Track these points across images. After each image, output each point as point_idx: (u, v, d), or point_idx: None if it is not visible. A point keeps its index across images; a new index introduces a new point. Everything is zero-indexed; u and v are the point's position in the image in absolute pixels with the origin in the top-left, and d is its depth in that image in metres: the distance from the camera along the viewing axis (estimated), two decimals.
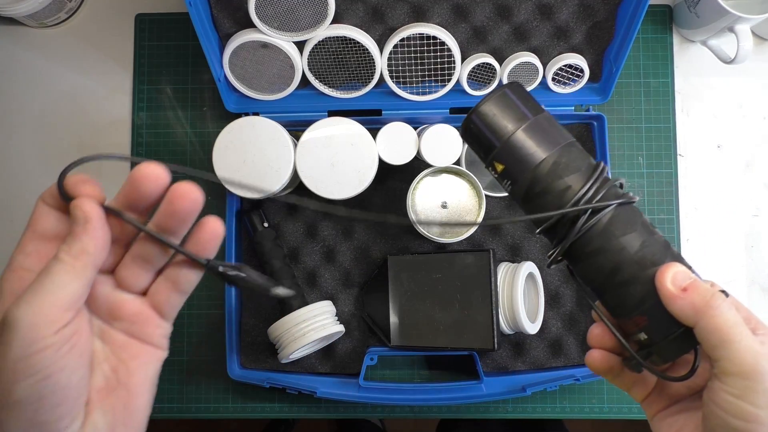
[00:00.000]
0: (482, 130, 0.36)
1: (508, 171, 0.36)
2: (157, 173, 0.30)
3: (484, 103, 0.36)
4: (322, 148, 0.58)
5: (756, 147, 0.68)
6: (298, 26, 0.57)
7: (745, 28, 0.60)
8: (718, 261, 0.67)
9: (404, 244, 0.65)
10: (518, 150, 0.35)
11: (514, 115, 0.36)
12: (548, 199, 0.34)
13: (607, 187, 0.34)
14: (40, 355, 0.25)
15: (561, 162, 0.34)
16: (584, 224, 0.33)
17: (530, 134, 0.35)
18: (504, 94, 0.37)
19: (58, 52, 0.70)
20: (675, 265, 0.32)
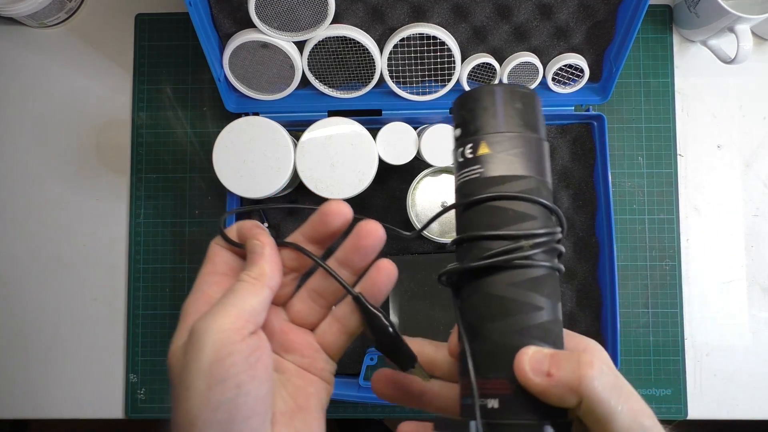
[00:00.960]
0: (497, 106, 0.31)
1: (491, 158, 0.31)
2: (344, 210, 0.33)
3: (519, 88, 0.32)
4: (322, 148, 0.58)
5: (756, 147, 0.68)
6: (298, 26, 0.57)
7: (745, 28, 0.60)
8: (718, 261, 0.67)
9: (404, 244, 0.65)
10: (524, 150, 0.31)
11: (536, 118, 0.32)
12: (498, 214, 0.30)
13: (555, 241, 0.30)
14: (231, 359, 0.27)
15: (544, 194, 0.31)
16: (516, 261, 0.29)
17: (540, 147, 0.31)
18: (536, 95, 0.33)
19: (58, 52, 0.70)
20: (526, 350, 0.27)
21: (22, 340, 0.67)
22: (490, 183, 0.30)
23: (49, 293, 0.68)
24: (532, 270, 0.29)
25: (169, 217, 0.68)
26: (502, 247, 0.29)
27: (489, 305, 0.29)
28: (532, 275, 0.29)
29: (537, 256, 0.29)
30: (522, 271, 0.29)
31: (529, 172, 0.31)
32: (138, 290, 0.67)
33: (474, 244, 0.30)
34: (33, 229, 0.68)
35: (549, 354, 0.27)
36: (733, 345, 0.66)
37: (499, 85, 0.32)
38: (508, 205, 0.30)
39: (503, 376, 0.28)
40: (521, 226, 0.30)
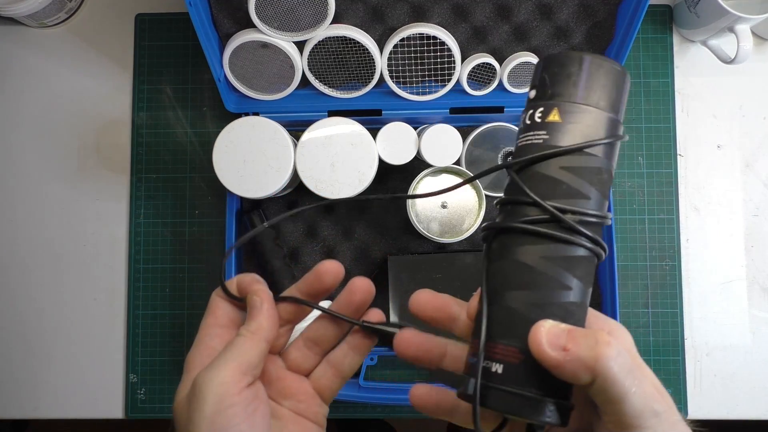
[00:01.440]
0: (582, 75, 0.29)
1: (561, 128, 0.29)
2: (337, 270, 0.35)
3: (612, 63, 0.30)
4: (322, 148, 0.58)
5: (756, 147, 0.68)
6: (298, 26, 0.57)
7: (745, 28, 0.60)
8: (718, 261, 0.67)
9: (404, 244, 0.65)
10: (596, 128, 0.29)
11: (618, 100, 0.30)
12: (563, 185, 0.29)
13: (601, 225, 0.30)
14: (231, 410, 0.29)
15: (605, 176, 0.29)
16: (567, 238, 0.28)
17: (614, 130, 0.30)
18: (628, 76, 0.31)
19: (58, 52, 0.70)
20: (543, 323, 0.27)
21: (22, 340, 0.67)
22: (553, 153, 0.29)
23: (50, 293, 0.68)
24: (569, 247, 0.28)
25: (169, 217, 0.68)
26: (545, 216, 0.28)
27: (516, 272, 0.29)
28: (568, 253, 0.28)
29: (578, 236, 0.28)
30: (558, 246, 0.28)
31: (595, 151, 0.29)
32: (138, 290, 0.67)
33: (519, 207, 0.29)
34: (33, 229, 0.68)
35: (567, 329, 0.27)
36: (733, 345, 0.66)
37: (590, 54, 0.30)
38: (563, 177, 0.29)
39: (514, 343, 0.28)
40: (571, 202, 0.29)
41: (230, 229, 0.62)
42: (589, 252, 0.29)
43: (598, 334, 0.26)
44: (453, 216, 0.61)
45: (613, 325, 0.30)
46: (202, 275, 0.67)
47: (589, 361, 0.25)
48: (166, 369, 0.66)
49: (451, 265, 0.60)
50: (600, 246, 0.29)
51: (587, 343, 0.26)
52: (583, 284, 0.29)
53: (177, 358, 0.66)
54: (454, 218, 0.61)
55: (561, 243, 0.28)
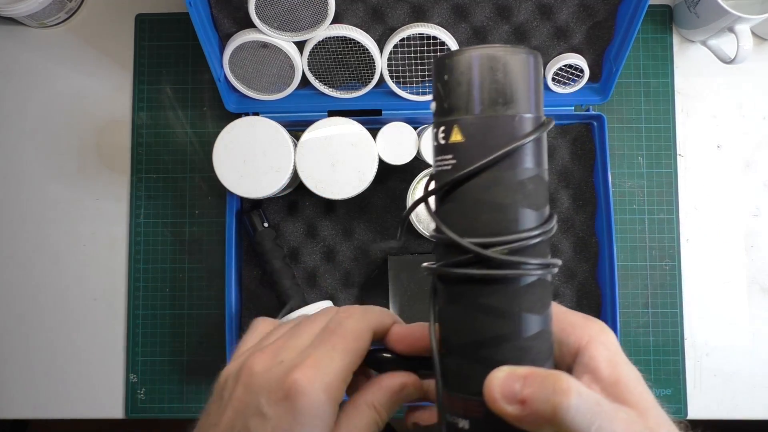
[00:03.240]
0: (474, 80, 0.25)
1: (466, 149, 0.25)
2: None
3: (505, 53, 0.25)
4: (322, 148, 0.58)
5: (756, 147, 0.68)
6: (298, 26, 0.57)
7: (745, 28, 0.60)
8: (718, 261, 0.67)
9: (404, 244, 0.65)
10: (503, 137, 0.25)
11: (526, 95, 0.25)
12: (484, 214, 0.25)
13: (547, 243, 0.27)
14: None
15: (530, 188, 0.26)
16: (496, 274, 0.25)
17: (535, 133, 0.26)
18: (532, 60, 0.26)
19: (58, 52, 0.70)
20: (496, 373, 0.25)
21: (22, 340, 0.67)
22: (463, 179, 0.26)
23: (50, 293, 0.68)
24: (509, 283, 0.25)
25: (169, 217, 0.68)
26: (468, 257, 0.25)
27: (462, 319, 0.26)
28: (510, 288, 0.25)
29: (514, 266, 0.25)
30: (495, 287, 0.25)
31: (510, 164, 0.25)
32: (138, 290, 0.67)
33: (449, 247, 0.26)
34: (33, 229, 0.68)
35: (523, 375, 0.24)
36: (733, 345, 0.66)
37: (479, 49, 0.25)
38: (481, 206, 0.25)
39: (474, 397, 0.25)
40: (498, 230, 0.25)
41: (230, 229, 0.62)
42: (536, 275, 0.26)
43: (556, 379, 0.24)
44: None
45: (593, 330, 0.28)
46: (202, 275, 0.67)
47: (548, 414, 0.24)
48: (166, 369, 0.66)
49: None
50: (545, 265, 0.26)
51: (544, 393, 0.24)
52: (536, 313, 0.26)
53: (177, 358, 0.66)
54: None
55: (497, 282, 0.25)
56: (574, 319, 0.28)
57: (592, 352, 0.27)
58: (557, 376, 0.24)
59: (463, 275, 0.25)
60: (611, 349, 0.27)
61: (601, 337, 0.28)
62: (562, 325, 0.28)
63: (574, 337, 0.28)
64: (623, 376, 0.26)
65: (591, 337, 0.28)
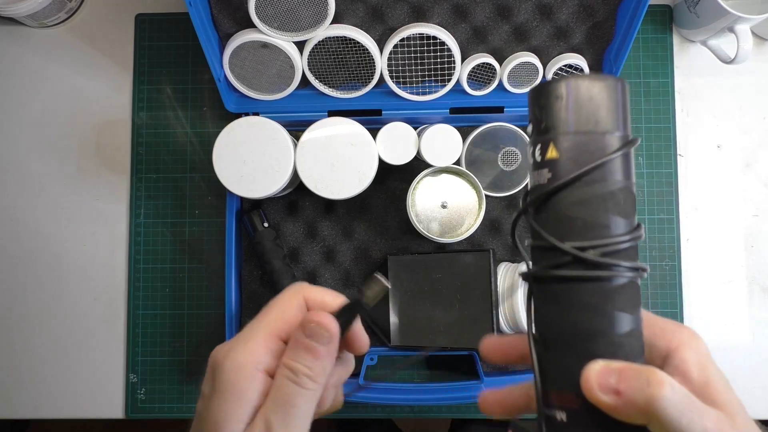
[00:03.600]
0: (568, 103, 0.29)
1: (561, 164, 0.28)
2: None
3: (596, 80, 0.29)
4: (322, 148, 0.58)
5: (756, 147, 0.68)
6: (298, 26, 0.57)
7: (745, 28, 0.60)
8: (718, 261, 0.67)
9: (404, 244, 0.65)
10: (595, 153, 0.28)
11: (614, 116, 0.29)
12: (579, 221, 0.28)
13: (635, 249, 0.29)
14: None
15: (620, 198, 0.28)
16: (592, 274, 0.28)
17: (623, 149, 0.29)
18: (619, 86, 0.29)
19: (58, 52, 0.70)
20: (592, 365, 0.27)
21: (22, 340, 0.67)
22: (560, 191, 0.29)
23: (50, 293, 0.68)
24: (602, 283, 0.28)
25: (169, 217, 0.68)
26: (566, 259, 0.28)
27: (559, 317, 0.29)
28: (604, 288, 0.28)
29: (608, 267, 0.28)
30: (592, 285, 0.28)
31: (601, 175, 0.28)
32: (138, 290, 0.67)
33: (546, 252, 0.29)
34: (33, 229, 0.68)
35: (618, 369, 0.26)
36: (733, 345, 0.66)
37: (573, 78, 0.29)
38: (576, 213, 0.28)
39: (570, 389, 0.28)
40: (591, 235, 0.28)
41: (230, 229, 0.62)
42: (627, 278, 0.28)
43: (650, 373, 0.26)
44: (453, 216, 0.61)
45: (684, 335, 0.29)
46: (202, 275, 0.67)
47: (641, 404, 0.25)
48: (166, 369, 0.66)
49: (451, 265, 0.60)
50: (635, 268, 0.28)
51: (639, 385, 0.25)
52: (628, 312, 0.28)
53: (177, 358, 0.66)
54: (454, 218, 0.61)
55: (592, 281, 0.28)
56: (665, 324, 0.30)
57: (682, 355, 0.28)
58: (651, 370, 0.26)
59: (562, 276, 0.28)
60: (701, 353, 0.28)
61: (692, 342, 0.29)
62: (653, 329, 0.30)
63: (665, 341, 0.29)
64: (713, 380, 0.27)
65: (681, 341, 0.29)
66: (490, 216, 0.65)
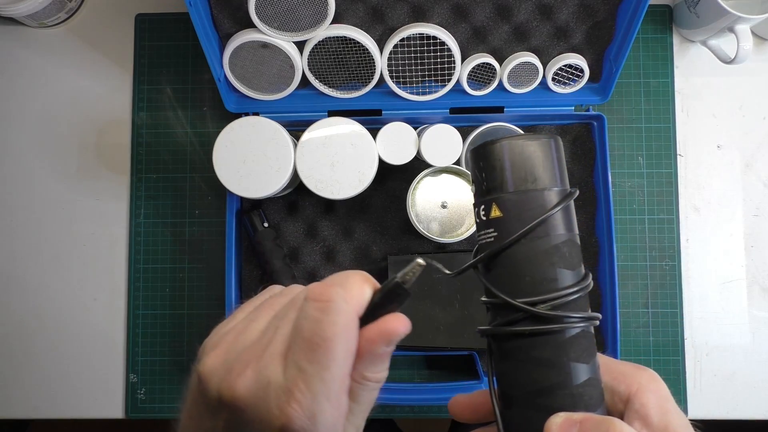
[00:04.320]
0: (506, 164, 0.30)
1: (504, 222, 0.29)
2: None
3: (530, 140, 0.30)
4: (322, 148, 0.58)
5: (756, 147, 0.68)
6: (298, 26, 0.57)
7: (745, 28, 0.60)
8: (718, 261, 0.67)
9: (404, 244, 0.65)
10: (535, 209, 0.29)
11: (551, 172, 0.30)
12: (526, 277, 0.29)
13: (585, 299, 0.30)
14: None
15: (564, 251, 0.29)
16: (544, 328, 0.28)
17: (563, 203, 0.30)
18: (553, 143, 0.30)
19: (58, 52, 0.70)
20: (555, 417, 0.27)
21: (22, 340, 0.67)
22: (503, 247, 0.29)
23: (49, 293, 0.68)
24: (556, 335, 0.29)
25: (169, 217, 0.68)
26: (518, 315, 0.29)
27: (517, 372, 0.29)
28: (558, 339, 0.29)
29: (559, 320, 0.28)
30: (545, 338, 0.28)
31: (544, 231, 0.29)
32: (138, 290, 0.67)
33: (500, 308, 0.30)
34: (33, 229, 0.68)
35: (579, 420, 0.27)
36: (733, 345, 0.66)
37: (507, 140, 0.30)
38: (524, 270, 0.29)
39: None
40: (540, 289, 0.29)
41: (230, 229, 0.62)
42: (579, 328, 0.29)
43: (609, 423, 0.26)
44: (453, 216, 0.61)
45: (643, 378, 0.30)
46: (202, 275, 0.67)
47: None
48: (166, 369, 0.66)
49: (451, 265, 0.60)
50: (586, 318, 0.29)
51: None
52: (583, 361, 0.29)
53: (177, 358, 0.66)
54: (454, 218, 0.61)
55: (545, 335, 0.28)
56: (625, 369, 0.30)
57: (642, 400, 0.29)
58: (610, 421, 0.26)
59: (516, 332, 0.29)
60: (661, 396, 0.29)
61: (651, 385, 0.29)
62: (613, 374, 0.30)
63: (625, 385, 0.30)
64: (672, 423, 0.28)
65: (641, 385, 0.29)
66: None
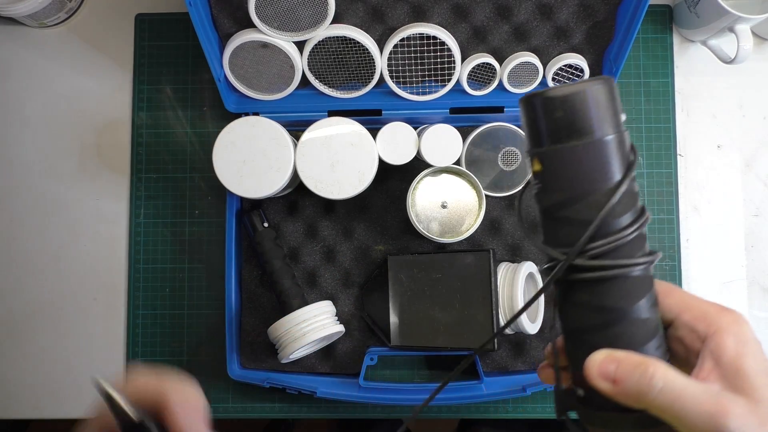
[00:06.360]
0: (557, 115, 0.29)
1: (550, 174, 0.30)
2: None
3: (589, 86, 0.29)
4: (322, 148, 0.58)
5: (756, 147, 0.68)
6: (298, 26, 0.57)
7: (745, 28, 0.60)
8: (718, 261, 0.67)
9: (404, 244, 0.65)
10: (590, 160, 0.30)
11: (608, 117, 0.30)
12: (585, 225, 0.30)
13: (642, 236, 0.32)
14: None
15: (623, 199, 0.30)
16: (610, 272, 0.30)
17: (612, 149, 0.30)
18: (602, 87, 0.29)
19: (58, 52, 0.70)
20: (595, 356, 0.30)
21: (22, 340, 0.67)
22: (551, 200, 0.31)
23: (50, 293, 0.68)
24: (617, 280, 0.30)
25: (169, 217, 0.68)
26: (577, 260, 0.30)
27: (577, 312, 0.32)
28: (616, 284, 0.30)
29: (615, 265, 0.30)
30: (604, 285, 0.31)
31: (584, 186, 0.30)
32: (138, 290, 0.67)
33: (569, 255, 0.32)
34: (33, 229, 0.68)
35: (619, 359, 0.29)
36: None
37: (538, 96, 0.30)
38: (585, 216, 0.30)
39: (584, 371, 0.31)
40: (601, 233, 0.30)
41: (230, 229, 0.62)
42: (640, 269, 0.31)
43: (646, 365, 0.28)
44: (453, 216, 0.61)
45: (724, 321, 0.30)
46: (202, 275, 0.67)
47: (633, 395, 0.28)
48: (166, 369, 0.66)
49: (451, 265, 0.60)
50: (649, 254, 0.31)
51: (633, 377, 0.28)
52: (639, 299, 0.30)
53: (177, 358, 0.66)
54: (454, 218, 0.61)
55: (607, 281, 0.30)
56: (707, 308, 0.31)
57: (718, 341, 0.30)
58: (647, 363, 0.28)
59: (574, 279, 0.31)
60: (741, 339, 0.29)
61: (733, 328, 0.30)
62: (693, 313, 0.31)
63: (705, 325, 0.31)
64: (745, 367, 0.28)
65: (720, 327, 0.30)
66: (490, 216, 0.65)
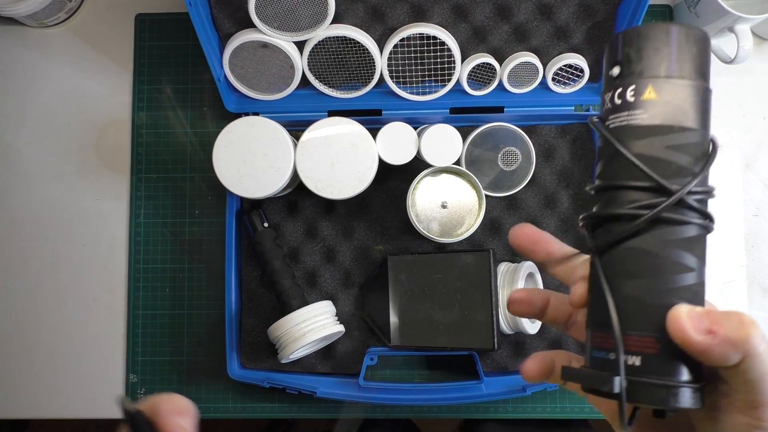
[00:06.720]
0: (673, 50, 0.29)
1: (664, 105, 0.29)
2: None
3: (699, 32, 0.29)
4: (322, 148, 0.58)
5: (756, 147, 0.68)
6: (298, 26, 0.57)
7: (745, 28, 0.60)
8: (718, 261, 0.67)
9: (404, 244, 0.65)
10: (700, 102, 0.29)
11: (707, 69, 0.30)
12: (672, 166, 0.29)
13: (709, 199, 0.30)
14: None
15: (705, 144, 0.30)
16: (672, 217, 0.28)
17: (708, 98, 0.30)
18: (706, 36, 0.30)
19: (58, 52, 0.70)
20: (680, 307, 0.27)
21: (22, 340, 0.67)
22: (652, 131, 0.28)
23: (50, 293, 0.68)
24: (685, 228, 0.28)
25: (169, 217, 0.68)
26: (656, 200, 0.28)
27: (636, 260, 0.28)
28: (686, 234, 0.28)
29: (690, 214, 0.28)
30: (675, 228, 0.28)
31: (696, 125, 0.29)
32: (138, 290, 0.67)
33: (619, 193, 0.29)
34: (33, 229, 0.68)
35: (705, 312, 0.26)
36: None
37: (674, 25, 0.29)
38: (670, 157, 0.28)
39: (649, 333, 0.27)
40: (679, 181, 0.28)
41: (230, 229, 0.62)
42: (702, 229, 0.29)
43: (738, 314, 0.26)
44: (453, 216, 0.61)
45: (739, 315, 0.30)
46: (202, 275, 0.67)
47: (737, 340, 0.25)
48: (166, 369, 0.66)
49: (451, 265, 0.60)
50: (710, 219, 0.29)
51: (732, 324, 0.25)
52: (701, 262, 0.29)
53: (177, 358, 0.66)
54: (454, 218, 0.61)
55: (678, 225, 0.28)
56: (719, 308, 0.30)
57: None
58: (739, 312, 0.26)
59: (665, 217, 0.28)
60: None
61: None
62: None
63: None
64: None
65: None
66: (490, 216, 0.65)
